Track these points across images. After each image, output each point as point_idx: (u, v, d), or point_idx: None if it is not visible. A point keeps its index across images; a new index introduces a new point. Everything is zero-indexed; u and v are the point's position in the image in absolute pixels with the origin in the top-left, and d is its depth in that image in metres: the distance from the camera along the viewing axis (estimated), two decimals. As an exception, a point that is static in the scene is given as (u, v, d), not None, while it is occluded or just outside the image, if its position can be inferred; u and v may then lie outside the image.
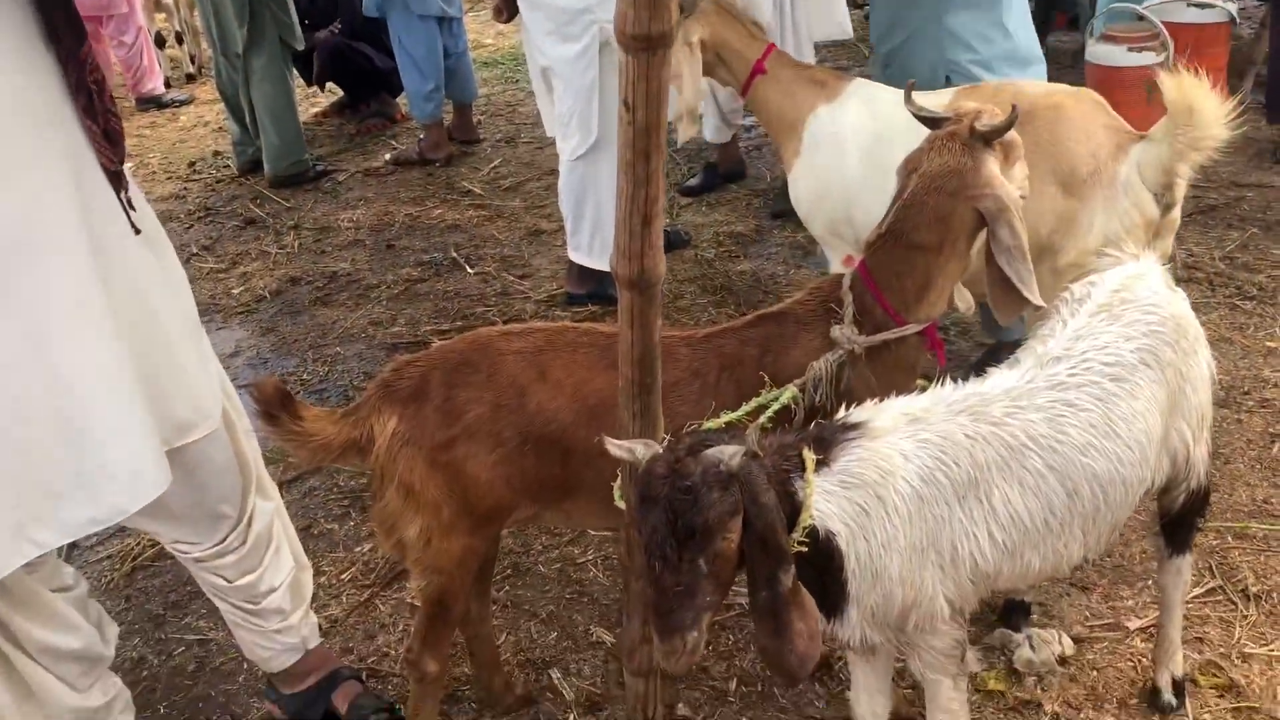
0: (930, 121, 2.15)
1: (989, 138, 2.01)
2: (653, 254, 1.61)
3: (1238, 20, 5.47)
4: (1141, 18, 5.06)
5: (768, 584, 1.55)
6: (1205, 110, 2.46)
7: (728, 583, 1.59)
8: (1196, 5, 5.28)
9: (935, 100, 3.04)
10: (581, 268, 4.40)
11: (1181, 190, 2.68)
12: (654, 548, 1.52)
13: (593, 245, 4.27)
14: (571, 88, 4.03)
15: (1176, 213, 2.70)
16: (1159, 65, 4.64)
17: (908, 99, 2.24)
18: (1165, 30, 4.87)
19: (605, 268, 4.22)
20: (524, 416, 2.06)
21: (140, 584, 3.12)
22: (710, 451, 1.53)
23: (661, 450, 1.58)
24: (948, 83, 3.23)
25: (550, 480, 2.11)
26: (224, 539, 2.22)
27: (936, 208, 2.02)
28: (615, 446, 1.60)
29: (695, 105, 3.27)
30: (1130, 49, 4.88)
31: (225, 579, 2.28)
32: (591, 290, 4.46)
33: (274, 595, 2.36)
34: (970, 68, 3.29)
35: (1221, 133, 2.48)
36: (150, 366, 1.88)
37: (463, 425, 2.05)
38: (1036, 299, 1.99)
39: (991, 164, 2.02)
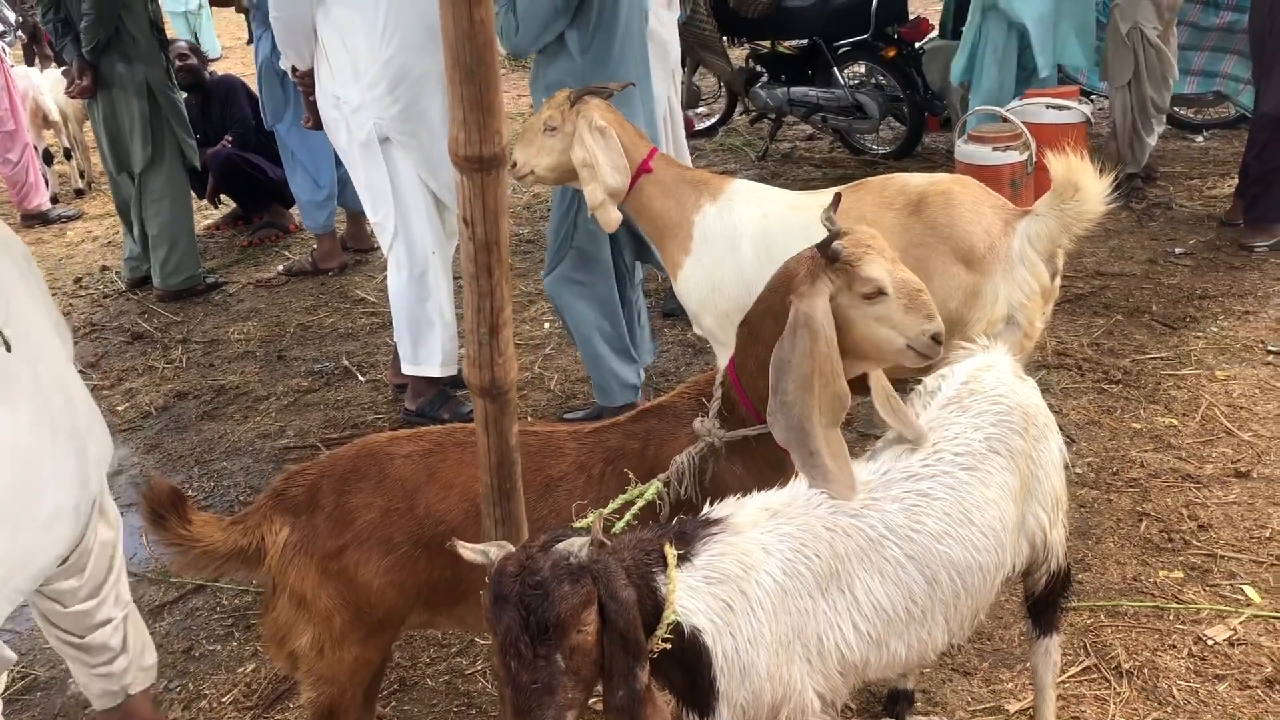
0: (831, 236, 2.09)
1: (829, 254, 1.99)
2: (503, 362, 1.64)
3: (1092, 120, 5.81)
4: (1005, 119, 5.36)
5: (625, 681, 1.56)
6: (1088, 188, 2.72)
7: (590, 679, 1.59)
8: (1054, 107, 5.60)
9: (820, 198, 3.18)
10: (414, 380, 4.34)
11: (1062, 260, 2.92)
12: (509, 646, 1.51)
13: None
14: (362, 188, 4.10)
15: (1058, 280, 2.95)
16: (1023, 162, 4.91)
17: (829, 211, 2.13)
18: (1027, 131, 5.16)
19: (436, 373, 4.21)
20: (414, 520, 2.06)
21: (8, 718, 2.98)
22: (560, 545, 1.55)
23: (513, 550, 1.59)
24: None
25: (442, 584, 2.10)
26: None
27: (772, 307, 2.06)
28: (466, 550, 1.60)
29: (619, 188, 3.23)
30: (995, 149, 5.14)
31: (61, 604, 2.28)
32: (423, 407, 4.35)
33: (104, 630, 2.36)
34: None
35: (1101, 208, 2.72)
36: None
37: (353, 532, 2.05)
38: (776, 431, 1.92)
39: (820, 283, 1.98)
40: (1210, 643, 2.75)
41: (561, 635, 1.51)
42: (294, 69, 4.15)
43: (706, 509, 1.88)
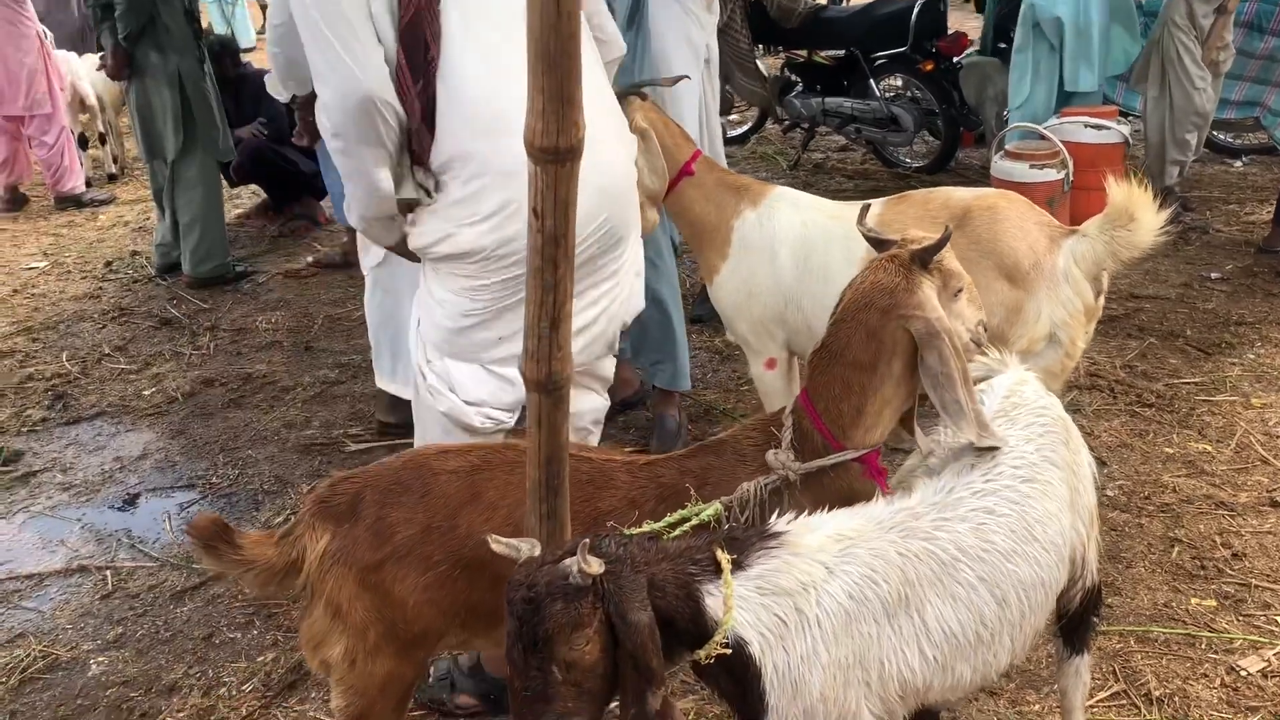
0: (877, 243, 2.13)
1: (923, 259, 1.99)
2: (561, 357, 1.61)
3: (1131, 141, 5.77)
4: (1043, 137, 5.31)
5: (636, 701, 1.54)
6: (1144, 220, 2.69)
7: (599, 691, 1.57)
8: (1093, 126, 5.55)
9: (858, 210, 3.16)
10: (392, 395, 4.01)
11: (1107, 280, 2.88)
12: (509, 650, 1.54)
13: (395, 369, 3.88)
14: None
15: (1102, 300, 2.91)
16: (1060, 180, 4.86)
17: (861, 219, 2.24)
18: (1065, 149, 5.12)
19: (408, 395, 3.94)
20: (455, 539, 2.01)
21: (28, 697, 2.98)
22: (566, 562, 1.52)
23: (533, 555, 1.57)
24: None
25: (481, 606, 2.04)
26: None
27: (867, 324, 1.98)
28: (498, 544, 1.59)
29: (657, 191, 3.17)
30: (1032, 166, 5.09)
31: None
32: (404, 419, 3.94)
33: None
34: None
35: (1151, 240, 2.72)
36: None
37: (393, 546, 2.00)
38: (966, 431, 1.89)
39: (927, 288, 1.98)
40: (1243, 673, 2.70)
41: (550, 651, 1.51)
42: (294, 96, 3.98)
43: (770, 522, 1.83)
